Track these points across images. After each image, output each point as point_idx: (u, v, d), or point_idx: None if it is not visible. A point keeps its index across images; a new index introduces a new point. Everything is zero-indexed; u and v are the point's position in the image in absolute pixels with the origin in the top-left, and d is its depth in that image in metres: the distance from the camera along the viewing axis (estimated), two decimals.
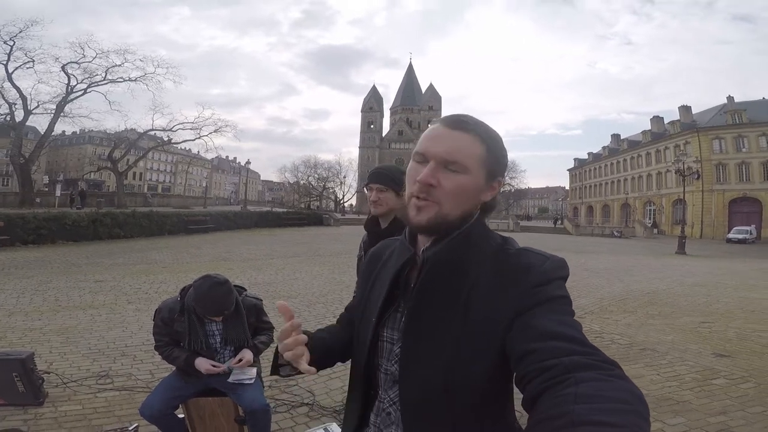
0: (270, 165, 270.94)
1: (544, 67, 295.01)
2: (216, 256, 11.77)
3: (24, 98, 25.11)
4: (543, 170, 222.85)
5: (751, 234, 31.41)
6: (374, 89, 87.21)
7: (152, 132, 32.91)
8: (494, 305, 0.67)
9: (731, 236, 31.40)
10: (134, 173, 63.16)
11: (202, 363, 2.10)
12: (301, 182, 71.54)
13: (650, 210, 47.02)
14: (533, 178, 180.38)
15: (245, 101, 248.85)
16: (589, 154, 64.90)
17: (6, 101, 25.06)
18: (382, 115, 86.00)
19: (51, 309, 5.47)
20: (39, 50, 25.96)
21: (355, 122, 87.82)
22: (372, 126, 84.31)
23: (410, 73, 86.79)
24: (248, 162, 39.99)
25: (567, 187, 77.23)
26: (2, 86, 24.57)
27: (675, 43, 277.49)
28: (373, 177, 1.76)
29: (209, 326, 2.18)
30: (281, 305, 0.74)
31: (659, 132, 47.54)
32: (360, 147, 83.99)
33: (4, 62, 24.26)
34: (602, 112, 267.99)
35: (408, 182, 0.74)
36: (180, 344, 2.17)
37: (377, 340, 0.78)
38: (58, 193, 27.52)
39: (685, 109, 44.61)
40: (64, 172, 57.70)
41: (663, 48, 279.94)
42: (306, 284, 7.90)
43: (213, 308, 2.08)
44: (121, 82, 28.32)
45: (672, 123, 44.81)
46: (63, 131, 60.26)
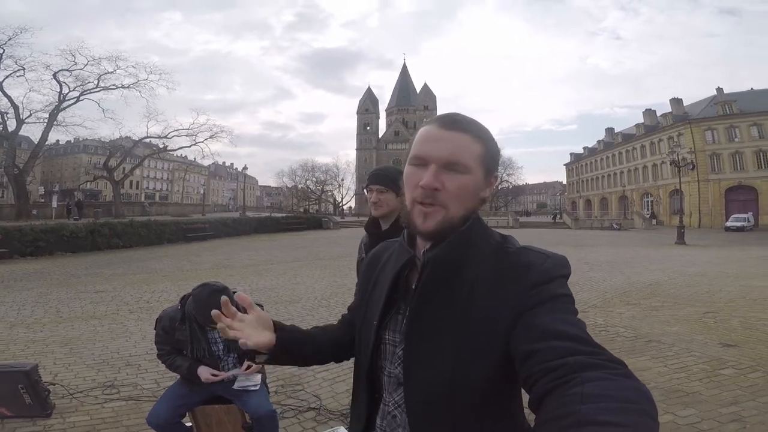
0: (267, 170, 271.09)
1: (537, 64, 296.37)
2: (216, 263, 11.74)
3: (16, 107, 24.98)
4: (540, 166, 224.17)
5: (749, 221, 31.59)
6: (369, 91, 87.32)
7: (147, 139, 32.87)
8: (495, 305, 0.66)
9: (729, 224, 31.54)
10: (131, 182, 62.94)
11: (203, 372, 2.09)
12: (299, 186, 71.55)
13: (648, 201, 47.21)
14: (530, 174, 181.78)
15: (240, 106, 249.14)
16: (585, 149, 65.13)
17: None
18: (378, 117, 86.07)
19: (53, 320, 5.44)
20: (29, 58, 25.96)
21: (351, 124, 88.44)
22: (368, 128, 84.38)
23: (405, 74, 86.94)
24: (245, 167, 39.92)
25: (564, 182, 77.49)
26: None
27: (663, 37, 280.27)
28: (373, 178, 1.76)
29: (211, 334, 2.17)
30: (240, 296, 0.81)
31: (652, 125, 47.79)
32: (357, 149, 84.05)
33: None
34: (595, 107, 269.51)
35: (408, 187, 0.72)
36: (183, 352, 2.15)
37: (379, 343, 0.77)
38: (55, 204, 27.40)
39: (677, 102, 44.91)
40: (60, 183, 57.54)
41: (651, 42, 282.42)
42: (308, 288, 7.89)
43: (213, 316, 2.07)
44: (114, 90, 28.30)
45: (664, 115, 45.06)
46: (57, 140, 59.91)
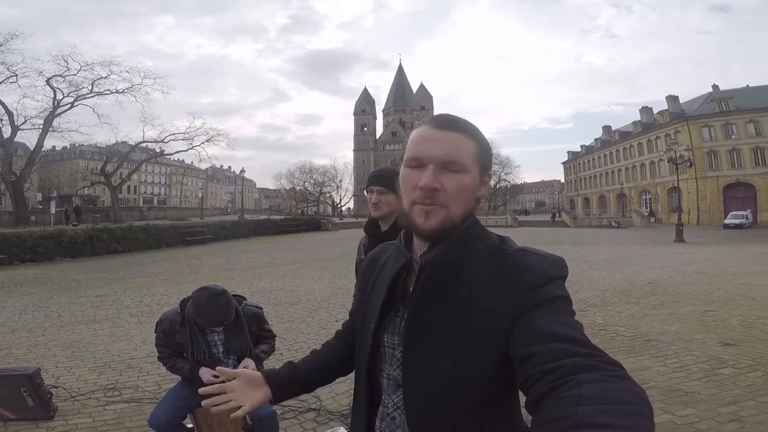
0: (265, 172, 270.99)
1: (532, 63, 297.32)
2: (216, 266, 11.74)
3: (10, 114, 24.94)
4: (537, 164, 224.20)
5: (747, 219, 31.58)
6: (366, 92, 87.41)
7: (144, 144, 32.82)
8: (493, 306, 0.66)
9: (728, 222, 31.50)
10: (128, 187, 62.91)
11: (205, 374, 2.11)
12: (297, 188, 71.56)
13: (646, 199, 47.30)
14: (528, 173, 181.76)
15: (236, 109, 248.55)
16: (582, 147, 65.24)
17: None
18: (375, 117, 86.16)
19: (54, 324, 5.46)
20: (21, 64, 25.91)
21: (348, 126, 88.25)
22: (365, 128, 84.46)
23: (401, 74, 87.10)
24: (243, 170, 39.73)
25: (562, 180, 77.59)
26: None
27: (656, 35, 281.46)
28: (373, 179, 1.77)
29: (211, 336, 2.18)
30: (219, 369, 0.94)
31: (649, 122, 47.89)
32: (354, 150, 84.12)
33: None
34: (591, 105, 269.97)
35: (406, 190, 0.72)
36: (183, 355, 2.17)
37: (378, 346, 0.77)
38: (53, 210, 27.32)
39: (673, 99, 44.98)
40: (57, 189, 57.31)
41: (645, 39, 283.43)
42: (307, 290, 7.89)
43: (213, 319, 2.09)
44: (109, 95, 28.26)
45: (661, 113, 45.17)
46: (53, 146, 59.61)
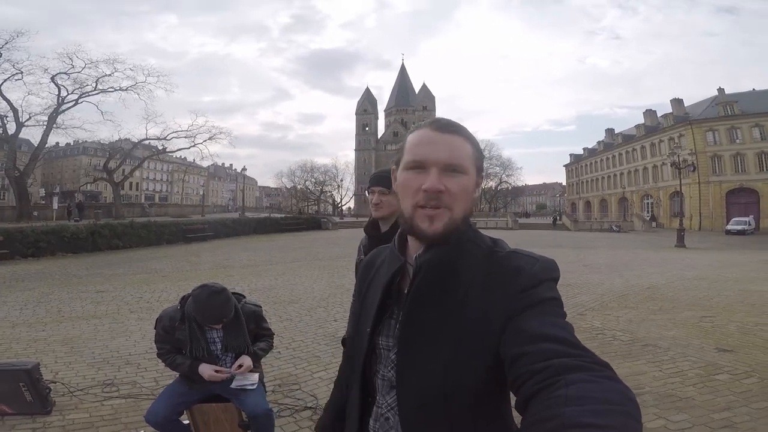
0: (266, 171, 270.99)
1: (535, 64, 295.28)
2: (216, 264, 11.77)
3: (15, 110, 25.06)
4: (539, 167, 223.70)
5: (750, 225, 31.43)
6: (368, 91, 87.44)
7: (146, 141, 32.91)
8: (486, 308, 0.67)
9: (730, 227, 31.41)
10: (130, 183, 62.98)
11: (206, 369, 2.13)
12: (298, 187, 71.65)
13: (648, 203, 47.17)
14: (530, 175, 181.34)
15: (238, 107, 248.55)
16: (585, 150, 65.14)
17: None
18: (377, 117, 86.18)
19: (54, 320, 5.49)
20: (27, 61, 25.98)
21: (350, 125, 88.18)
22: (367, 128, 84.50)
23: (403, 74, 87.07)
24: (244, 168, 39.92)
25: (564, 183, 77.45)
26: None
27: (661, 36, 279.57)
28: (375, 180, 1.78)
29: (210, 333, 2.21)
30: None
31: (653, 125, 47.78)
32: (356, 150, 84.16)
33: None
34: (594, 107, 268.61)
35: (407, 193, 0.72)
36: (182, 352, 2.20)
37: (374, 348, 0.78)
38: (56, 206, 27.47)
39: (677, 102, 44.88)
40: (60, 184, 57.64)
41: (650, 41, 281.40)
42: (306, 289, 7.91)
43: (212, 316, 2.11)
44: (112, 92, 28.33)
45: (665, 116, 45.06)
46: (57, 143, 59.92)
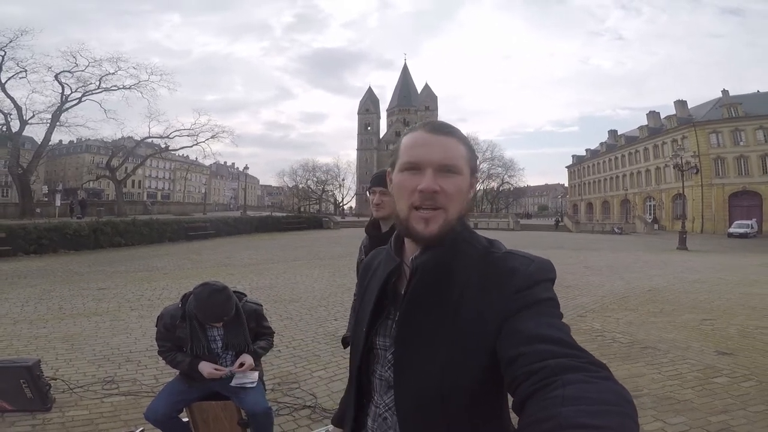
0: (268, 169, 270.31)
1: (538, 65, 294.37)
2: (217, 262, 11.79)
3: (19, 108, 25.22)
4: (541, 168, 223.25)
5: (752, 228, 31.31)
6: (370, 91, 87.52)
7: (149, 139, 33.11)
8: (482, 309, 0.67)
9: (732, 230, 31.26)
10: (133, 181, 63.21)
11: (205, 367, 2.14)
12: (300, 186, 71.77)
13: (650, 205, 47.06)
14: (532, 176, 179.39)
15: (241, 106, 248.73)
16: (587, 151, 64.99)
17: (1, 112, 25.21)
18: (379, 117, 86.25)
19: (55, 317, 5.51)
20: (31, 60, 26.05)
21: (352, 125, 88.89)
22: (369, 128, 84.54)
23: (405, 74, 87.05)
24: (246, 167, 40.22)
25: (566, 185, 77.32)
26: None
27: (665, 37, 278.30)
28: (376, 180, 1.80)
29: (210, 332, 2.22)
30: None
31: (656, 127, 47.64)
32: (358, 149, 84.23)
33: None
34: (597, 109, 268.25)
35: (403, 194, 0.73)
36: (183, 349, 2.21)
37: (371, 348, 0.79)
38: (58, 203, 27.59)
39: (681, 104, 44.70)
40: (63, 182, 57.79)
41: (654, 42, 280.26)
42: (307, 288, 7.93)
43: (213, 315, 2.12)
44: (116, 90, 28.52)
45: (668, 118, 44.91)
46: (60, 140, 60.45)
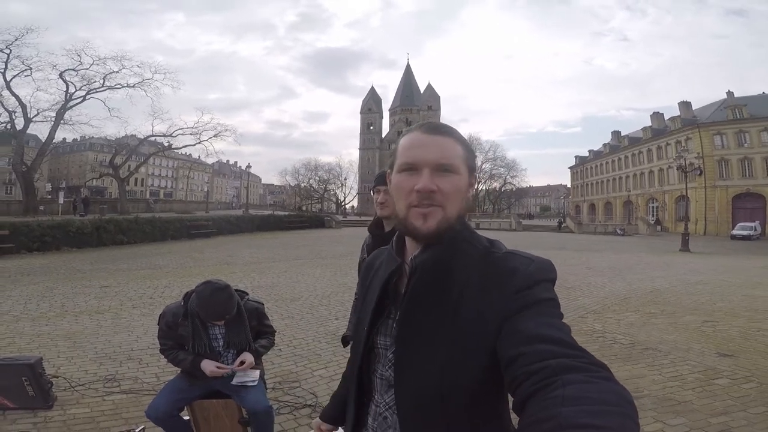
0: (271, 168, 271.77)
1: (541, 65, 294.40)
2: (219, 260, 11.82)
3: (23, 106, 25.26)
4: (544, 168, 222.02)
5: (756, 230, 31.20)
6: (373, 90, 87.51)
7: (152, 138, 33.13)
8: (482, 309, 0.68)
9: (735, 232, 31.16)
10: (136, 179, 63.47)
11: (208, 365, 2.15)
12: (302, 185, 71.81)
13: (653, 207, 46.88)
14: (534, 177, 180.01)
15: (244, 105, 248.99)
16: (590, 152, 64.80)
17: (6, 109, 25.22)
18: (382, 116, 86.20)
19: (57, 314, 5.53)
20: (36, 58, 26.27)
21: (355, 124, 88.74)
22: (371, 127, 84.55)
23: (408, 74, 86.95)
24: (249, 166, 40.15)
25: (569, 185, 77.09)
26: (1, 94, 24.75)
27: (670, 38, 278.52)
28: (381, 179, 1.81)
29: (212, 330, 2.23)
30: None
31: (660, 128, 47.43)
32: (360, 149, 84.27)
33: (2, 70, 24.39)
34: (600, 109, 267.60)
35: (401, 194, 0.73)
36: (184, 348, 2.21)
37: (372, 347, 0.79)
38: (61, 201, 27.61)
39: (685, 105, 44.50)
40: (67, 180, 58.00)
41: (658, 43, 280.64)
42: (309, 287, 7.94)
43: (215, 313, 2.13)
44: (120, 89, 28.46)
45: (672, 119, 44.71)
46: (64, 138, 60.71)
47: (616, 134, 58.82)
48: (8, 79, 24.60)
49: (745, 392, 3.44)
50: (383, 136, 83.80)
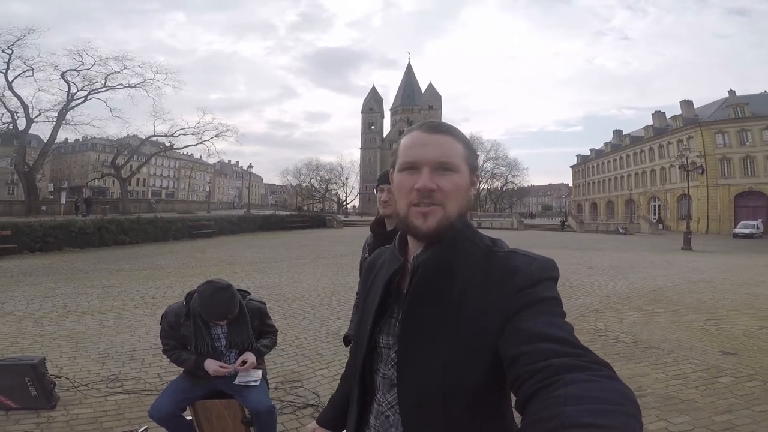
0: (272, 168, 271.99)
1: (542, 65, 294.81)
2: (221, 260, 11.84)
3: (25, 106, 25.34)
4: (545, 167, 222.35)
5: (758, 228, 31.04)
6: (374, 90, 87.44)
7: (154, 138, 33.22)
8: (484, 307, 0.67)
9: (738, 231, 31.06)
10: (138, 179, 63.62)
11: (211, 364, 2.15)
12: (304, 185, 71.86)
13: (655, 206, 46.77)
14: (536, 176, 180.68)
15: (245, 105, 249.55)
16: (592, 151, 64.65)
17: (8, 110, 25.28)
18: (383, 116, 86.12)
19: (60, 315, 5.54)
20: (37, 58, 26.27)
21: (356, 123, 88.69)
22: (373, 127, 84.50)
23: (409, 73, 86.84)
24: (250, 166, 40.12)
25: (570, 184, 76.99)
26: (3, 95, 24.79)
27: (671, 38, 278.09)
28: (384, 178, 1.81)
29: (214, 330, 2.23)
30: None
31: (661, 127, 47.32)
32: (361, 148, 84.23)
33: (4, 71, 24.50)
34: (602, 108, 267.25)
35: (401, 193, 0.74)
36: (187, 347, 2.22)
37: (375, 347, 0.79)
38: (64, 201, 27.72)
39: (687, 104, 44.39)
40: (69, 180, 58.18)
41: (659, 42, 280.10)
42: (310, 286, 7.94)
43: (217, 313, 2.13)
44: (121, 89, 28.57)
45: (674, 118, 44.60)
46: (66, 139, 60.81)
47: (618, 133, 58.68)
48: (10, 80, 24.72)
49: (749, 390, 3.44)
50: (384, 136, 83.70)
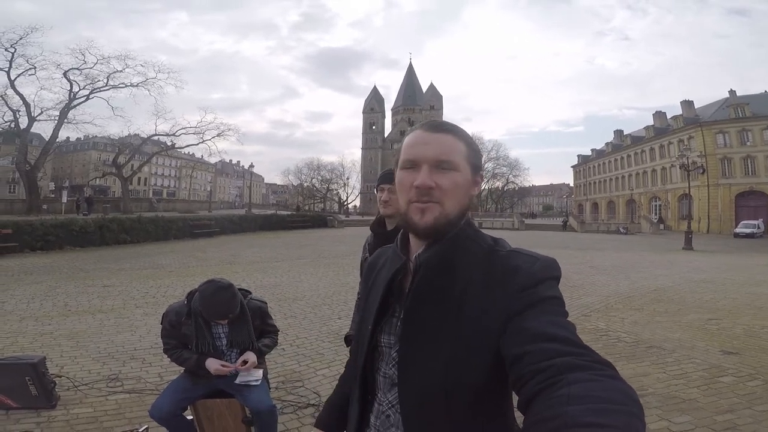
0: (273, 168, 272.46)
1: (542, 65, 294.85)
2: (222, 260, 11.84)
3: (27, 105, 25.40)
4: (546, 167, 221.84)
5: (759, 228, 31.02)
6: (375, 90, 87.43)
7: (156, 137, 33.27)
8: (486, 307, 0.67)
9: (739, 231, 31.03)
10: (139, 178, 63.68)
11: (212, 363, 2.15)
12: (305, 184, 71.91)
13: (656, 206, 46.72)
14: (537, 176, 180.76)
15: (247, 105, 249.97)
16: (593, 151, 64.62)
17: (10, 108, 25.36)
18: (384, 116, 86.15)
19: (60, 314, 5.54)
20: (40, 57, 26.24)
21: (357, 123, 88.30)
22: (374, 127, 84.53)
23: (411, 73, 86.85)
24: (252, 165, 40.14)
25: (571, 184, 76.92)
26: (5, 93, 24.87)
27: (671, 38, 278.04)
28: (384, 178, 1.81)
29: (215, 329, 2.23)
30: None
31: (662, 127, 47.28)
32: (362, 148, 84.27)
33: (6, 69, 24.54)
34: (602, 108, 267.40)
35: (402, 191, 0.75)
36: (188, 347, 2.21)
37: (376, 346, 0.79)
38: (65, 200, 27.77)
39: (688, 104, 44.32)
40: (70, 179, 58.29)
41: (660, 43, 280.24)
42: (311, 286, 7.94)
43: (218, 312, 2.13)
44: (123, 88, 28.67)
45: (675, 118, 44.55)
46: (67, 137, 60.72)
47: (619, 133, 58.60)
48: (13, 78, 24.79)
49: (751, 390, 3.43)
50: (386, 136, 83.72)
